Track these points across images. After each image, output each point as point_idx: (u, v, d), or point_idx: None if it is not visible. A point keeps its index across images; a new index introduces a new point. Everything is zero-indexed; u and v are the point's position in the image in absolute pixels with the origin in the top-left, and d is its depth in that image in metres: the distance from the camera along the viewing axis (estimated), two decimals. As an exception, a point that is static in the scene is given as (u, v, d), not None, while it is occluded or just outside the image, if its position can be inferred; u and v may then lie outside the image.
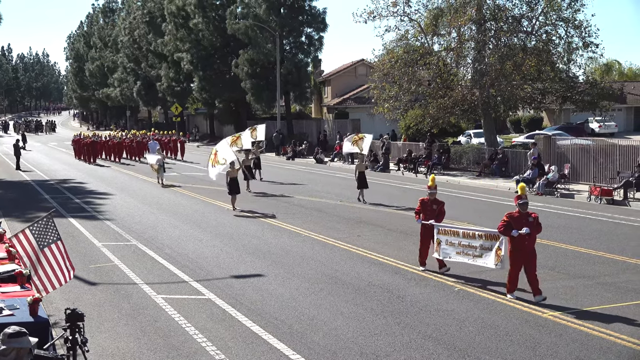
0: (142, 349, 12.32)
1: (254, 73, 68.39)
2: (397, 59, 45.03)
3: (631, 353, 11.75)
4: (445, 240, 16.82)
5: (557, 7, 42.72)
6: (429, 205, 17.74)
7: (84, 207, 30.31)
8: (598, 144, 37.31)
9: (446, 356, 11.72)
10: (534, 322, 13.49)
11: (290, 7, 67.31)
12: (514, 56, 42.59)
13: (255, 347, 12.27)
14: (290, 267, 18.33)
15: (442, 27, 45.17)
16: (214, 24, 72.74)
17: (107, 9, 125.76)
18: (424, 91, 45.26)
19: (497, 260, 15.54)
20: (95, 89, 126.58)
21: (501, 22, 43.30)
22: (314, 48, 70.38)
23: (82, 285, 16.68)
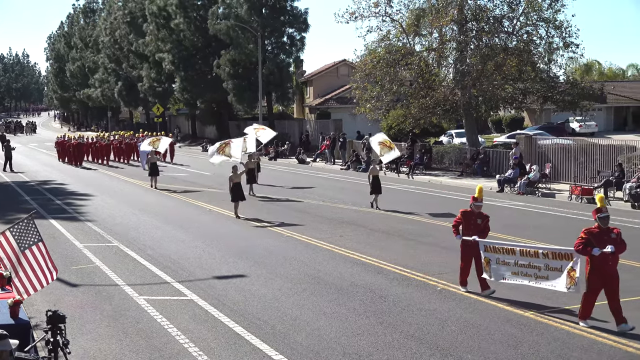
0: (124, 351, 12.27)
1: (236, 73, 68.25)
2: (379, 60, 45.09)
3: (611, 351, 11.82)
4: (497, 259, 14.85)
5: (537, 8, 42.95)
6: (473, 219, 15.60)
7: (65, 209, 30.15)
8: (579, 144, 37.52)
9: (429, 355, 11.75)
10: (515, 321, 13.54)
11: (272, 7, 67.28)
12: (495, 56, 42.78)
13: (238, 348, 12.25)
14: (272, 268, 18.32)
15: (424, 27, 45.34)
16: (196, 24, 72.57)
17: (87, 9, 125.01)
18: (405, 91, 45.37)
19: (570, 283, 13.55)
20: (76, 90, 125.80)
21: (482, 23, 43.48)
22: (295, 48, 70.38)
23: (63, 287, 16.59)
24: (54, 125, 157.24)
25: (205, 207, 29.97)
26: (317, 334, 12.92)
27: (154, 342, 12.65)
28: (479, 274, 15.28)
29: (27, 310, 11.97)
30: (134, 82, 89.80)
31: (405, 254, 19.78)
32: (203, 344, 12.43)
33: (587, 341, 12.29)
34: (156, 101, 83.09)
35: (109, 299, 15.60)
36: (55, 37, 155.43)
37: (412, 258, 19.14)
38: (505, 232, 22.74)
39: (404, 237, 22.47)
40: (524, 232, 22.69)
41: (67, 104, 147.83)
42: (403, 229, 23.96)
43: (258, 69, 64.98)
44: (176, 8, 73.11)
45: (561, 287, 13.80)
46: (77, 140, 57.42)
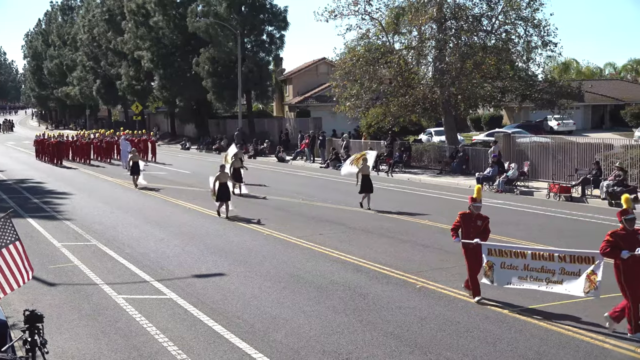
0: (102, 350, 12.21)
1: (215, 71, 68.20)
2: (359, 58, 45.17)
3: (588, 347, 11.89)
4: (501, 263, 14.12)
5: (516, 7, 43.14)
6: (473, 221, 14.82)
7: (43, 207, 29.97)
8: (556, 142, 37.72)
9: (408, 353, 11.77)
10: (494, 318, 13.60)
11: (251, 5, 67.25)
12: (474, 55, 42.92)
13: (217, 347, 12.22)
14: (252, 266, 18.29)
15: (403, 25, 45.45)
16: (175, 22, 72.43)
17: (65, 7, 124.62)
18: (385, 89, 45.44)
19: (590, 287, 12.93)
20: (54, 88, 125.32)
21: (461, 21, 43.64)
22: (275, 46, 70.51)
23: (41, 286, 16.49)
24: (31, 124, 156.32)
25: (185, 205, 29.89)
26: (296, 332, 12.92)
27: (132, 341, 12.59)
28: (471, 279, 14.58)
29: (4, 309, 11.88)
30: (113, 80, 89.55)
31: (384, 252, 19.80)
32: (182, 343, 12.39)
33: (564, 338, 12.36)
34: (135, 99, 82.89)
35: (88, 298, 15.51)
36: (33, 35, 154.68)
37: (391, 256, 19.16)
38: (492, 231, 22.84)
39: (383, 235, 22.50)
40: (503, 229, 22.75)
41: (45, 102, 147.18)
42: (382, 227, 23.99)
43: (237, 67, 64.99)
44: (155, 6, 72.96)
45: (577, 291, 13.19)
46: (57, 138, 56.76)
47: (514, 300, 14.59)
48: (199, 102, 76.30)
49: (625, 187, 29.18)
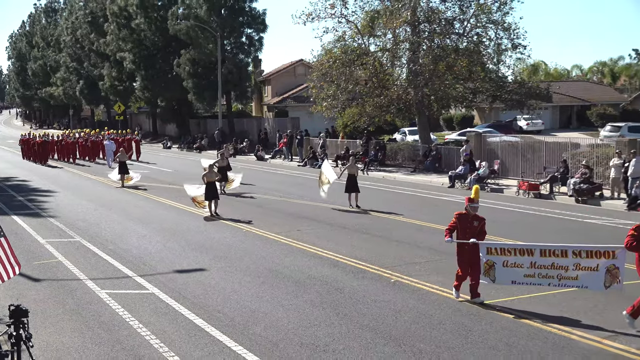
0: (86, 343, 12.17)
1: (196, 72, 68.09)
2: (335, 59, 45.24)
3: (556, 338, 11.98)
4: (504, 262, 13.60)
5: (487, 10, 43.35)
6: (470, 222, 14.20)
7: (27, 205, 29.77)
8: (526, 141, 37.94)
9: (383, 345, 11.82)
10: (465, 310, 13.68)
11: (231, 8, 67.16)
12: (446, 57, 43.11)
13: (198, 340, 12.22)
14: (232, 262, 18.28)
15: (378, 28, 45.53)
16: (156, 24, 72.19)
17: (49, 9, 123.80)
18: (360, 90, 45.50)
19: (613, 280, 12.77)
20: (38, 88, 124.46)
21: (434, 24, 43.81)
22: (254, 48, 70.41)
23: (26, 281, 16.39)
24: (15, 123, 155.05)
25: (166, 203, 29.81)
26: (275, 325, 12.93)
27: (116, 335, 12.55)
28: (474, 279, 14.00)
29: (-11, 304, 11.82)
30: (96, 81, 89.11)
31: (360, 247, 19.85)
32: (164, 336, 12.37)
33: (533, 329, 12.45)
34: (117, 99, 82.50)
35: (72, 293, 15.44)
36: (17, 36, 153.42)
37: (366, 251, 19.21)
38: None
39: (359, 231, 22.55)
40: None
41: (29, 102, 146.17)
42: (358, 223, 24.05)
43: (217, 68, 64.89)
44: (137, 8, 72.76)
45: (597, 286, 12.98)
46: (42, 138, 56.09)
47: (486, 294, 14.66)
48: (180, 102, 76.13)
49: (591, 184, 29.46)
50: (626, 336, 11.98)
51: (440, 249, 19.50)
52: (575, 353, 11.35)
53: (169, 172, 44.55)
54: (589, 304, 13.71)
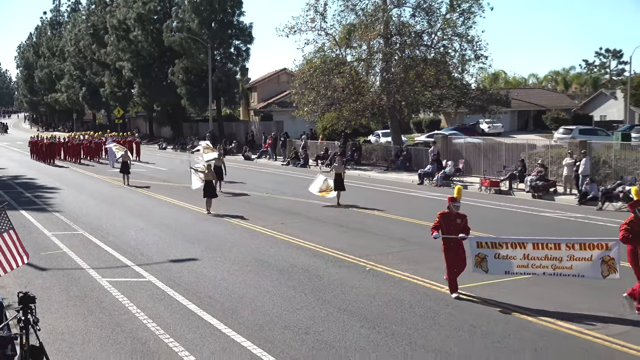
0: (89, 327, 12.10)
1: (189, 80, 67.90)
2: (315, 68, 45.25)
3: (517, 321, 12.05)
4: (495, 255, 13.02)
5: (452, 24, 43.49)
6: (453, 220, 13.66)
7: (35, 201, 29.54)
8: (487, 142, 38.13)
9: (359, 327, 11.83)
10: (434, 295, 13.71)
11: (220, 22, 67.02)
12: (416, 66, 43.19)
13: (191, 323, 12.18)
14: (222, 252, 18.24)
15: (354, 40, 45.53)
16: (152, 36, 71.89)
17: (54, 22, 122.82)
18: (338, 96, 45.51)
19: (609, 270, 12.36)
20: (44, 94, 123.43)
21: (405, 37, 43.88)
22: (241, 58, 70.32)
23: (33, 270, 16.28)
24: (24, 126, 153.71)
25: (162, 199, 29.68)
26: (261, 310, 12.92)
27: (116, 319, 12.50)
28: (454, 274, 13.48)
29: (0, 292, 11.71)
30: (97, 88, 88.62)
31: (338, 239, 19.85)
32: (160, 320, 12.33)
33: (495, 313, 12.50)
34: (117, 105, 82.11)
35: (75, 281, 15.35)
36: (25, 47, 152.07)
37: (344, 243, 19.22)
38: (428, 220, 23.02)
39: (337, 225, 22.56)
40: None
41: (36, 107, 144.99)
42: (337, 217, 24.06)
43: (208, 77, 64.74)
44: (135, 21, 72.46)
45: (593, 275, 12.52)
46: (50, 140, 55.49)
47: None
48: (174, 107, 75.81)
49: (545, 181, 29.64)
50: (581, 320, 12.08)
51: (411, 240, 19.57)
52: (533, 333, 11.42)
53: (164, 170, 44.36)
54: (551, 291, 13.78)
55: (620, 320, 11.93)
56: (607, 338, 11.06)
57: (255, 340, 11.22)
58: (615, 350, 10.62)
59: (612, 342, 10.89)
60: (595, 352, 10.58)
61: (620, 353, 10.53)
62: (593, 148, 30.97)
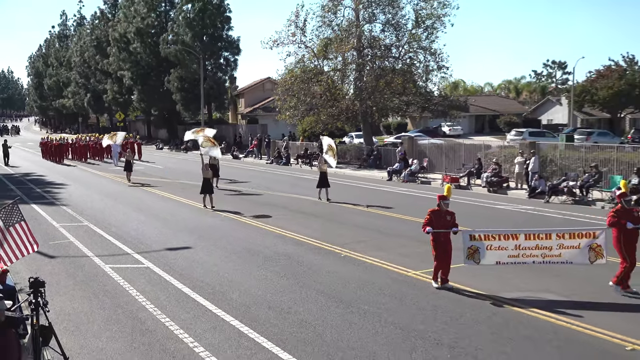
0: (93, 308, 12.04)
1: (183, 87, 67.61)
2: (296, 77, 45.20)
3: (476, 302, 12.14)
4: (488, 246, 12.48)
5: (418, 39, 43.62)
6: (443, 216, 13.08)
7: (44, 195, 29.27)
8: (448, 143, 38.30)
9: (335, 307, 11.86)
10: (401, 279, 13.77)
11: (211, 35, 66.84)
12: (385, 76, 43.29)
13: (185, 304, 12.15)
14: (213, 241, 18.19)
15: (331, 52, 45.51)
16: (150, 48, 71.43)
17: (62, 35, 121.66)
18: (316, 102, 45.49)
19: (596, 256, 12.18)
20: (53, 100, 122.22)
21: (376, 50, 43.94)
22: (230, 68, 70.19)
23: (43, 258, 16.15)
24: (34, 129, 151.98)
25: (159, 194, 29.53)
26: (248, 292, 12.90)
27: (118, 301, 12.44)
28: (443, 268, 12.95)
29: (13, 277, 11.60)
30: (100, 94, 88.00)
31: (316, 229, 19.87)
32: (157, 302, 12.29)
33: (456, 295, 12.58)
34: (118, 109, 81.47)
35: (81, 268, 15.25)
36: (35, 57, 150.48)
37: (321, 232, 19.24)
38: (396, 212, 23.12)
39: (315, 216, 22.58)
40: (411, 211, 23.04)
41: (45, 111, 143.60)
42: (316, 211, 24.08)
43: (200, 84, 64.43)
44: (134, 35, 72.03)
45: (581, 260, 12.28)
46: (59, 141, 54.82)
47: (416, 266, 14.78)
48: (170, 111, 75.40)
49: (499, 177, 29.82)
50: (528, 299, 12.18)
51: (380, 230, 19.63)
52: (487, 311, 11.51)
53: (160, 168, 44.15)
54: (508, 274, 13.88)
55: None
56: (540, 311, 11.19)
57: (243, 320, 11.21)
58: (560, 327, 10.74)
59: (549, 317, 11.02)
60: (531, 323, 10.69)
61: (562, 327, 10.64)
62: (541, 148, 31.22)
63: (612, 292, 12.39)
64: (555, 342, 10.00)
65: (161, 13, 73.34)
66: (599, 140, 46.00)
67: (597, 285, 12.83)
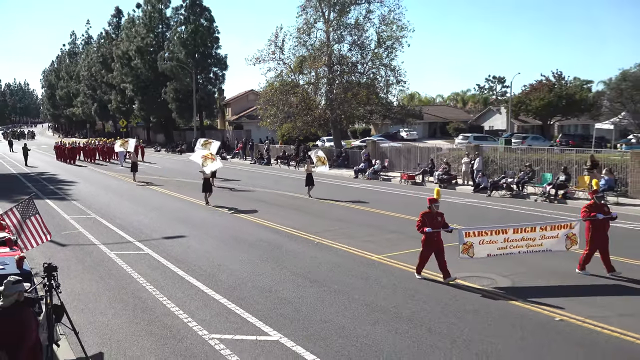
0: (100, 289, 11.90)
1: (178, 98, 67.09)
2: (275, 90, 45.09)
3: (428, 282, 12.21)
4: (480, 241, 11.91)
5: (379, 57, 43.76)
6: (434, 218, 12.21)
7: (57, 192, 28.82)
8: (406, 146, 38.49)
9: (309, 286, 11.86)
10: (366, 262, 13.81)
11: (202, 53, 66.43)
12: (352, 88, 43.38)
13: (180, 285, 12.07)
14: (205, 231, 18.08)
15: (305, 68, 45.46)
16: (149, 64, 70.69)
17: (71, 52, 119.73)
18: (293, 111, 45.42)
19: (572, 244, 12.15)
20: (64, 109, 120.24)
21: (344, 66, 43.98)
22: (218, 82, 69.70)
23: (55, 246, 15.91)
24: (47, 134, 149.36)
25: (158, 190, 29.25)
26: (235, 274, 12.85)
27: (121, 283, 12.30)
28: (444, 265, 12.09)
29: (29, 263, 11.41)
30: (106, 104, 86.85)
31: (293, 220, 19.84)
32: (156, 283, 12.19)
33: (410, 276, 12.64)
34: (121, 117, 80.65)
35: (89, 254, 15.05)
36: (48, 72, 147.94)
37: (298, 222, 19.23)
38: (361, 205, 23.17)
39: (292, 209, 22.56)
40: (376, 205, 23.11)
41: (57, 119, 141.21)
42: (292, 204, 24.05)
43: (193, 96, 64.01)
44: (135, 52, 71.34)
45: (558, 248, 12.19)
46: (71, 144, 54.00)
47: (378, 250, 14.84)
48: (167, 119, 74.76)
49: (449, 175, 30.04)
50: (474, 277, 12.29)
51: (347, 220, 19.66)
52: (439, 289, 11.60)
53: (158, 168, 43.74)
54: (453, 257, 14.00)
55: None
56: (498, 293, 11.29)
57: (230, 298, 11.17)
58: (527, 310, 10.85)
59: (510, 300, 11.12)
60: (476, 299, 10.80)
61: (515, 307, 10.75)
62: (484, 150, 31.52)
63: (544, 273, 12.57)
64: (496, 313, 10.12)
65: (158, 34, 72.57)
66: (532, 144, 46.58)
67: (531, 267, 13.01)
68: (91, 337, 9.35)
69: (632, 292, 11.29)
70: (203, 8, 66.87)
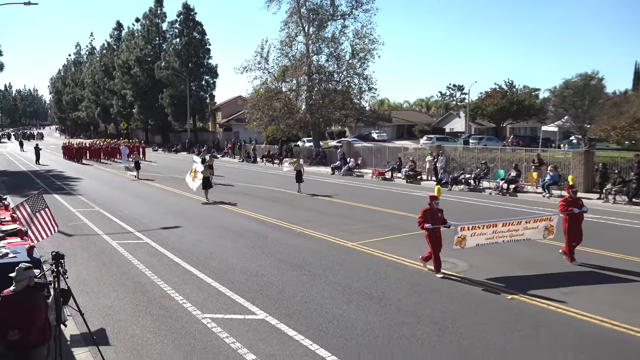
0: (103, 275, 11.76)
1: (173, 103, 66.51)
2: (261, 96, 44.95)
3: (398, 265, 12.28)
4: (472, 234, 11.52)
5: (353, 67, 43.81)
6: (435, 214, 11.54)
7: (64, 187, 28.38)
8: (377, 146, 38.59)
9: (291, 271, 11.86)
10: (341, 249, 13.83)
11: (195, 63, 65.90)
12: (329, 95, 43.38)
13: (175, 270, 11.98)
14: (198, 222, 17.96)
15: (288, 76, 45.33)
16: (147, 72, 69.91)
17: (76, 61, 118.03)
18: (277, 115, 45.29)
19: (548, 234, 12.09)
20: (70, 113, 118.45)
21: (322, 75, 43.95)
22: (210, 88, 69.17)
23: (62, 236, 15.68)
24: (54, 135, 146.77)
25: (156, 186, 28.97)
26: (225, 261, 12.79)
27: (123, 269, 12.18)
28: (436, 258, 11.54)
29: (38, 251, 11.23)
30: (108, 108, 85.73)
31: (277, 211, 19.79)
32: (154, 269, 12.08)
33: (385, 261, 12.70)
34: (122, 120, 79.71)
35: (93, 244, 14.86)
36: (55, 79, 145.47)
37: (281, 214, 19.19)
38: (337, 198, 23.20)
39: (276, 201, 22.50)
40: (354, 198, 23.15)
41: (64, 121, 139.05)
42: (275, 197, 23.98)
43: (187, 101, 63.48)
44: (134, 62, 70.52)
45: (536, 237, 12.09)
46: (78, 145, 53.07)
47: (350, 238, 14.87)
48: (163, 121, 73.96)
49: (415, 172, 30.20)
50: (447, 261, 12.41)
51: (325, 212, 19.67)
52: (407, 272, 11.67)
53: (155, 165, 43.31)
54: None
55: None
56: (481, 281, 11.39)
57: (221, 282, 11.12)
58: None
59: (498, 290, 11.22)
60: (440, 280, 10.90)
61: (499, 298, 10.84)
62: (445, 149, 31.73)
63: (502, 260, 12.71)
64: (456, 293, 10.23)
65: (156, 45, 71.77)
66: (488, 144, 47.09)
67: (495, 255, 13.17)
68: (95, 317, 9.26)
69: (590, 276, 11.49)
70: (196, 22, 66.43)
